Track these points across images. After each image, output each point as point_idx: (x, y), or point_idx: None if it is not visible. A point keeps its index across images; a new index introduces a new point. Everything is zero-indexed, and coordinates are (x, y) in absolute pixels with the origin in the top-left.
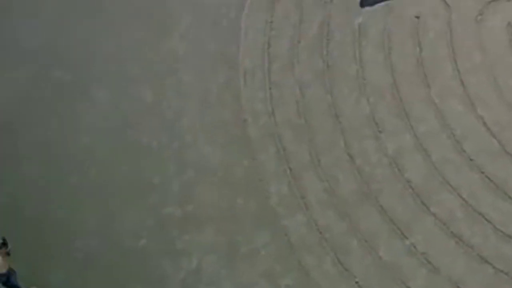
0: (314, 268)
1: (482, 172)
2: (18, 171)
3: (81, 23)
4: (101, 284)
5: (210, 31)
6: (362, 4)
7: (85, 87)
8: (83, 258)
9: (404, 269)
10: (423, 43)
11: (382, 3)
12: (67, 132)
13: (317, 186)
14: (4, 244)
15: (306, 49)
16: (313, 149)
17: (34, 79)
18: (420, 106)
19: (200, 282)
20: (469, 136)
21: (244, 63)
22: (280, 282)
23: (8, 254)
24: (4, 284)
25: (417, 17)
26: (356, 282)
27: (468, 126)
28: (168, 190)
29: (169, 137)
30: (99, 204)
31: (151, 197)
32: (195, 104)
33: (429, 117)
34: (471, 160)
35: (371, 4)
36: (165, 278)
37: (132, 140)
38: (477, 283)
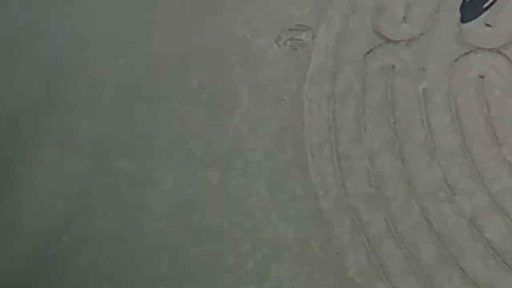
0: None
1: None
2: (91, 261)
3: (140, 107)
4: None
5: (272, 108)
6: (463, 20)
7: (149, 173)
8: None
9: None
10: (490, 102)
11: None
12: (135, 221)
13: (396, 253)
14: None
15: (372, 119)
16: (388, 217)
17: (96, 171)
18: (492, 165)
19: None
20: None
21: (311, 138)
22: None
23: None
24: None
25: (482, 77)
26: None
27: None
28: (243, 270)
29: (239, 217)
30: None
31: (226, 278)
32: (264, 182)
33: (502, 176)
34: None
35: (471, 18)
36: None
37: (202, 222)
38: None
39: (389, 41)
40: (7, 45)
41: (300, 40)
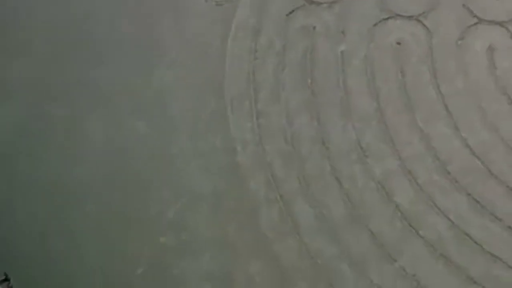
0: None
1: (469, 194)
2: (15, 205)
3: (70, 54)
4: None
5: (196, 60)
6: None
7: (78, 121)
8: None
9: None
10: (406, 68)
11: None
12: (64, 166)
13: (308, 211)
14: (6, 280)
15: (291, 78)
16: (302, 176)
17: (27, 114)
18: (405, 131)
19: None
20: (454, 159)
21: (231, 92)
22: None
23: None
24: None
25: (399, 43)
26: None
27: (452, 148)
28: (164, 219)
29: (161, 166)
30: (96, 237)
31: (149, 226)
32: (186, 132)
33: (414, 141)
34: (456, 182)
35: None
36: None
37: (126, 170)
38: None
39: (311, 2)
40: None
41: None
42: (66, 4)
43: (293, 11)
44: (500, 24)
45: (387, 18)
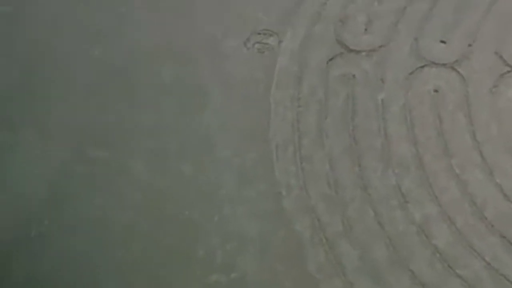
0: None
1: (503, 237)
2: (67, 245)
3: (113, 98)
4: None
5: (240, 107)
6: None
7: (122, 163)
8: None
9: None
10: (442, 115)
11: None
12: (109, 208)
13: (352, 253)
14: None
15: (333, 124)
16: (345, 219)
17: (71, 157)
18: (443, 176)
19: None
20: (489, 204)
21: (276, 138)
22: None
23: None
24: None
25: (436, 91)
26: None
27: (488, 194)
28: (213, 260)
29: (209, 209)
30: (145, 277)
31: (197, 268)
32: (232, 178)
33: (451, 187)
34: (492, 226)
35: None
36: None
37: (173, 212)
38: None
39: (350, 50)
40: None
41: (267, 44)
42: (107, 50)
43: (332, 58)
44: None
45: (423, 66)
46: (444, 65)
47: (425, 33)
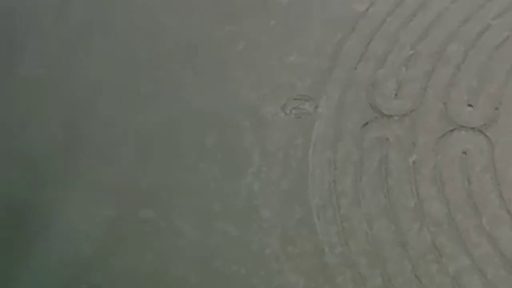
0: None
1: None
2: None
3: (158, 161)
4: None
5: (281, 170)
6: None
7: (169, 222)
8: None
9: None
10: (471, 177)
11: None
12: (159, 266)
13: None
14: None
15: (368, 186)
16: (385, 273)
17: (119, 215)
18: (474, 233)
19: None
20: None
21: (315, 200)
22: None
23: None
24: None
25: (464, 153)
26: None
27: None
28: None
29: (256, 266)
30: None
31: None
32: (276, 237)
33: (482, 242)
34: None
35: None
36: None
37: (222, 269)
38: None
39: (383, 115)
40: (29, 89)
41: (304, 109)
42: (150, 113)
43: (367, 123)
44: None
45: (452, 130)
46: (472, 128)
47: (453, 97)
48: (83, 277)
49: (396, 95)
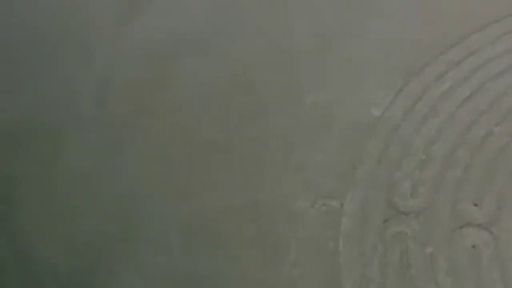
0: None
1: None
2: None
3: (203, 250)
4: None
5: (316, 260)
6: None
7: None
8: None
9: None
10: (480, 268)
11: None
12: None
13: None
14: None
15: (392, 274)
16: None
17: None
18: None
19: None
20: None
21: (347, 286)
22: None
23: None
24: None
25: (473, 247)
26: None
27: None
28: None
29: None
30: None
31: None
32: None
33: None
34: None
35: None
36: None
37: None
38: None
39: (401, 212)
40: (74, 180)
41: (331, 206)
42: (194, 207)
43: (387, 220)
44: None
45: (462, 226)
46: (478, 225)
47: (461, 197)
48: None
49: (411, 195)
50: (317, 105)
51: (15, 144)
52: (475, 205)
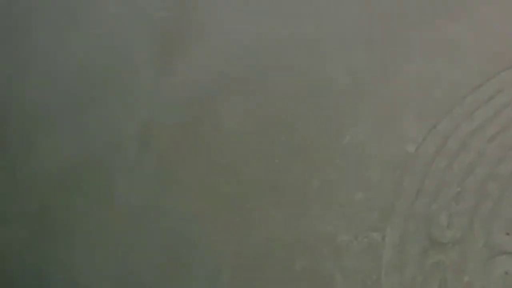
0: None
1: None
2: None
3: (254, 284)
4: None
5: None
6: None
7: None
8: None
9: None
10: None
11: None
12: None
13: None
14: None
15: None
16: None
17: None
18: None
19: None
20: None
21: None
22: None
23: None
24: None
25: (507, 273)
26: None
27: None
28: None
29: None
30: None
31: None
32: None
33: None
34: None
35: None
36: None
37: None
38: None
39: (439, 243)
40: (125, 218)
41: (373, 238)
42: (243, 241)
43: (426, 250)
44: None
45: (495, 255)
46: (510, 253)
47: (493, 227)
48: None
49: (448, 226)
50: (354, 143)
51: (73, 182)
52: (507, 234)
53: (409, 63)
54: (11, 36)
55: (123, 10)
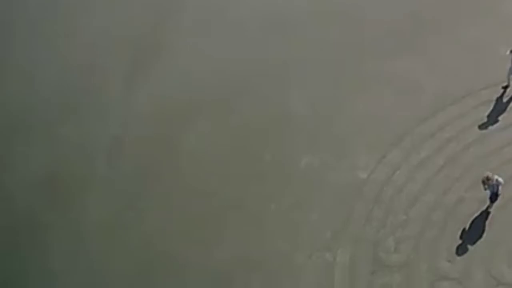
0: None
1: None
2: None
3: None
4: None
5: None
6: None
7: None
8: None
9: None
10: None
11: None
12: None
13: None
14: None
15: None
16: None
17: None
18: None
19: None
20: None
21: None
22: None
23: None
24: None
25: None
26: None
27: None
28: None
29: None
30: None
31: None
32: None
33: None
34: None
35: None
36: None
37: None
38: None
39: (386, 265)
40: (104, 230)
41: (326, 258)
42: (214, 253)
43: (374, 271)
44: None
45: (437, 280)
46: (452, 279)
47: (436, 254)
48: None
49: (394, 250)
50: (310, 168)
51: (47, 194)
52: (449, 261)
53: (362, 100)
54: None
55: (98, 29)
